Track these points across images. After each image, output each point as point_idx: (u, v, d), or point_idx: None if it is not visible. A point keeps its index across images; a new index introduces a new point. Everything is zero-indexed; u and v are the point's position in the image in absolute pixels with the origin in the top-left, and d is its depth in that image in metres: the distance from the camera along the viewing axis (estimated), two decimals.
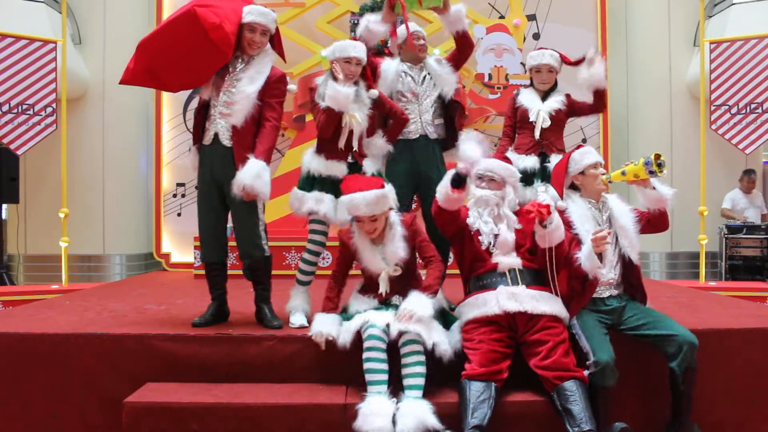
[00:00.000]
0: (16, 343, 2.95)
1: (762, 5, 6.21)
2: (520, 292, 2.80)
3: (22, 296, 5.05)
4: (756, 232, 6.14)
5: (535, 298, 2.79)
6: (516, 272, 2.87)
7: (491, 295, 2.81)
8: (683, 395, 2.75)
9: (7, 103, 5.51)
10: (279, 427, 2.61)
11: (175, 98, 6.63)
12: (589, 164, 3.03)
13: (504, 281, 2.85)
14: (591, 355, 2.67)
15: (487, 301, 2.80)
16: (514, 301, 2.77)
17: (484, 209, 2.95)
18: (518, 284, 2.83)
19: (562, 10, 6.67)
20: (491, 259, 2.89)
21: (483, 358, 2.66)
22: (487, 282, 2.88)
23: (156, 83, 3.51)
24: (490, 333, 2.74)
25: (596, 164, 3.03)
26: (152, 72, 3.41)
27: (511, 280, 2.85)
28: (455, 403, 2.62)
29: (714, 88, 5.83)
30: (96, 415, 2.91)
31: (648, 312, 2.94)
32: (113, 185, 6.59)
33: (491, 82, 6.47)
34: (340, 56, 3.27)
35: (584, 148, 3.13)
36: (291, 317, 3.25)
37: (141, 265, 6.80)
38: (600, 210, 3.04)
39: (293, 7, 6.53)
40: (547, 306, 2.78)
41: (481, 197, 2.96)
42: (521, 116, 3.96)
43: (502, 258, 2.89)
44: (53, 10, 6.30)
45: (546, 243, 2.79)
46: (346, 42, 3.34)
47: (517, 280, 2.85)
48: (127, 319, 3.40)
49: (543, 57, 3.91)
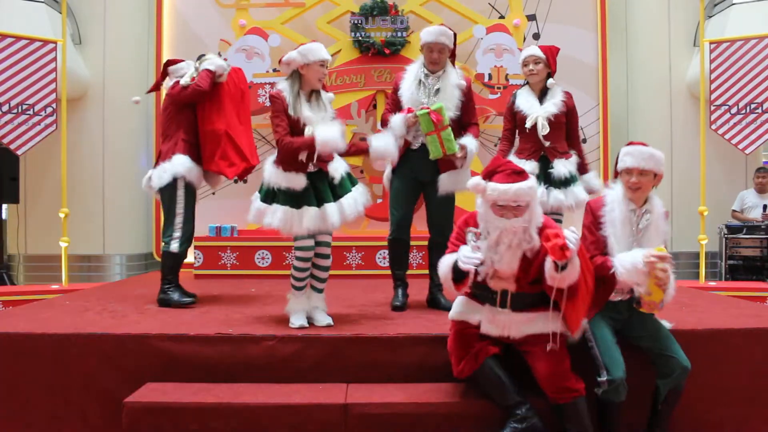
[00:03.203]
0: (16, 343, 2.96)
1: (762, 5, 6.21)
2: (502, 319, 2.67)
3: (22, 296, 5.05)
4: (756, 232, 6.13)
5: (521, 323, 2.67)
6: (507, 294, 2.67)
7: (480, 312, 2.74)
8: (661, 413, 2.77)
9: (7, 103, 5.51)
10: (279, 427, 2.61)
11: None
12: (624, 168, 2.79)
13: (492, 299, 2.70)
14: (604, 372, 2.61)
15: (475, 313, 2.75)
16: (494, 327, 2.69)
17: (510, 239, 2.59)
18: (505, 307, 2.68)
19: (562, 10, 6.66)
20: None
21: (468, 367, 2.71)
22: (477, 293, 2.76)
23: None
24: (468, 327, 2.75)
25: (631, 170, 2.75)
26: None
27: (499, 301, 2.69)
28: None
29: (714, 88, 5.83)
30: (96, 415, 2.91)
31: (653, 324, 2.85)
32: (113, 185, 6.59)
33: (491, 82, 6.46)
34: (315, 59, 3.21)
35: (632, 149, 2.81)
36: (291, 318, 3.24)
37: (141, 265, 6.79)
38: (639, 216, 2.79)
39: (293, 7, 6.53)
40: (537, 327, 2.66)
41: (509, 228, 2.58)
42: (521, 121, 3.93)
43: (494, 281, 2.66)
44: (53, 10, 6.30)
45: (556, 285, 2.53)
46: (314, 45, 3.26)
47: (505, 302, 2.68)
48: (127, 319, 3.40)
49: (528, 49, 3.97)
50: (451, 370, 2.87)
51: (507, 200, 2.56)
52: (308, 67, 3.24)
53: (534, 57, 3.91)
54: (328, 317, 3.27)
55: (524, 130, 3.92)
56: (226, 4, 6.59)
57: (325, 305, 3.38)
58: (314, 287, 3.38)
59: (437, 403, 2.67)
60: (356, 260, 5.73)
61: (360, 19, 6.34)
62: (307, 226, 3.15)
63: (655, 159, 2.76)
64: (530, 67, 3.93)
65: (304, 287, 3.34)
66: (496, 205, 2.59)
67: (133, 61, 6.69)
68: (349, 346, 2.96)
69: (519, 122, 3.95)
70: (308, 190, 3.22)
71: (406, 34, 6.34)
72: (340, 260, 5.69)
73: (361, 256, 5.72)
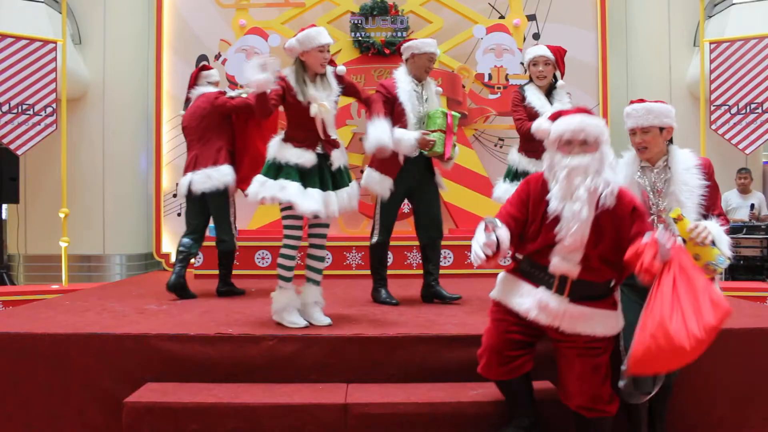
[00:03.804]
0: (16, 343, 2.95)
1: (762, 5, 6.21)
2: (557, 307, 2.38)
3: (22, 296, 5.05)
4: (756, 232, 6.13)
5: (576, 318, 2.37)
6: (566, 280, 2.39)
7: (531, 296, 2.43)
8: (655, 412, 2.66)
9: (7, 103, 5.51)
10: (279, 427, 2.61)
11: (175, 98, 6.63)
12: (628, 129, 2.66)
13: (549, 282, 2.42)
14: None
15: (524, 296, 2.45)
16: (545, 315, 2.38)
17: (581, 180, 2.33)
18: (562, 294, 2.39)
19: (562, 10, 6.66)
20: (550, 254, 2.40)
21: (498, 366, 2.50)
22: (534, 273, 2.46)
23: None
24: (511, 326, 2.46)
25: (634, 130, 2.63)
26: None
27: (557, 286, 2.40)
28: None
29: (714, 88, 5.83)
30: (96, 415, 2.90)
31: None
32: (113, 185, 6.59)
33: (491, 82, 6.47)
34: (313, 46, 3.21)
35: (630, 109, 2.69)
36: (286, 316, 3.18)
37: (141, 265, 6.79)
38: (655, 174, 2.63)
39: (293, 7, 6.54)
40: (590, 327, 2.37)
41: (578, 166, 2.33)
42: (530, 116, 3.84)
43: (557, 260, 2.39)
44: (53, 10, 6.30)
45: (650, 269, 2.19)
46: (313, 30, 3.25)
47: (563, 288, 2.39)
48: (127, 319, 3.40)
49: (538, 50, 3.93)
50: (450, 369, 2.88)
51: (573, 132, 2.35)
52: (308, 54, 3.25)
53: (545, 58, 3.89)
54: (326, 317, 3.26)
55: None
56: (226, 4, 6.59)
57: (323, 301, 3.36)
58: (311, 279, 3.37)
59: (437, 403, 2.66)
60: (356, 260, 5.73)
61: (360, 19, 6.34)
62: (313, 209, 3.11)
63: (654, 112, 2.61)
64: (540, 68, 3.90)
65: (291, 278, 3.28)
66: (562, 142, 2.39)
67: (133, 61, 6.69)
68: (349, 346, 2.96)
69: (529, 117, 3.85)
70: (314, 172, 3.21)
71: (406, 34, 6.34)
72: (340, 260, 5.69)
73: (361, 256, 5.72)
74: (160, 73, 6.59)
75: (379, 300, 4.00)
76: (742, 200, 6.51)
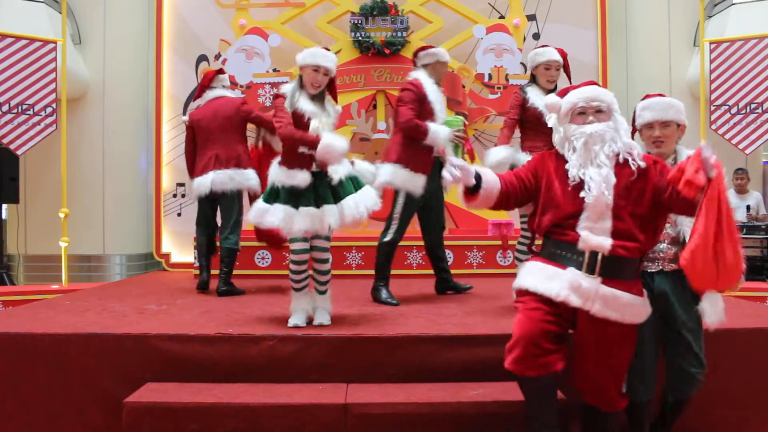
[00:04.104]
0: (16, 343, 2.95)
1: (762, 5, 6.21)
2: (589, 287, 2.27)
3: (22, 296, 5.04)
4: (756, 232, 6.13)
5: (607, 300, 2.26)
6: (597, 257, 2.28)
7: (560, 278, 2.30)
8: (667, 419, 2.67)
9: (7, 103, 5.51)
10: (279, 427, 2.61)
11: (175, 98, 6.64)
12: (643, 123, 2.60)
13: (578, 263, 2.30)
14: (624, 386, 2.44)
15: (552, 279, 2.31)
16: (577, 296, 2.26)
17: (600, 147, 2.32)
18: (592, 273, 2.28)
19: (562, 10, 6.66)
20: (576, 227, 2.30)
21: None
22: (560, 254, 2.35)
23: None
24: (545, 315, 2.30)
25: (651, 124, 2.56)
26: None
27: (587, 264, 2.29)
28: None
29: (714, 88, 5.83)
30: (96, 415, 2.90)
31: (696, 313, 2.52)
32: (113, 185, 6.59)
33: (491, 82, 6.46)
34: (308, 63, 3.24)
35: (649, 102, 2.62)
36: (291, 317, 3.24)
37: (141, 265, 6.79)
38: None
39: (293, 7, 6.53)
40: (620, 312, 2.28)
41: (595, 133, 2.33)
42: (533, 117, 3.82)
43: (587, 233, 2.28)
44: (53, 10, 6.30)
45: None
46: (316, 50, 3.30)
47: (593, 266, 2.28)
48: (127, 319, 3.40)
49: (553, 54, 3.87)
50: (450, 369, 2.88)
51: (587, 100, 2.37)
52: (303, 70, 3.28)
53: (557, 63, 3.86)
54: (327, 317, 3.28)
55: (537, 127, 3.81)
56: (226, 4, 6.59)
57: (330, 306, 3.39)
58: (317, 290, 3.40)
59: (437, 403, 2.66)
60: (356, 260, 5.73)
61: (360, 19, 6.34)
62: (300, 227, 3.15)
63: (675, 108, 2.56)
64: (553, 72, 3.86)
65: (301, 288, 3.34)
66: (575, 113, 2.39)
67: (133, 61, 6.69)
68: (349, 346, 2.96)
69: (533, 118, 3.83)
70: (309, 191, 3.22)
71: (406, 34, 6.35)
72: (340, 260, 5.69)
73: (361, 256, 5.72)
74: (160, 73, 6.59)
75: (379, 300, 4.00)
76: (740, 201, 6.51)
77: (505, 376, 2.83)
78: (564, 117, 2.43)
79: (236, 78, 6.37)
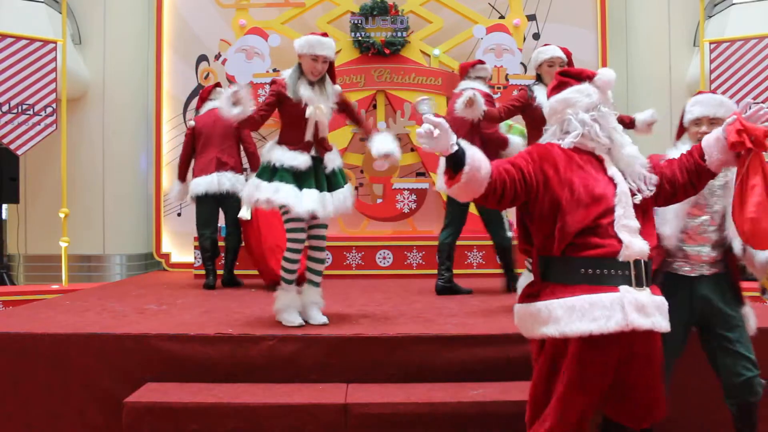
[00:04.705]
0: (16, 343, 2.95)
1: (762, 5, 6.21)
2: (650, 303, 1.90)
3: (22, 296, 5.04)
4: None
5: (662, 311, 1.94)
6: (642, 265, 1.94)
7: (614, 304, 1.86)
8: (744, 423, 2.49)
9: (7, 103, 5.50)
10: (279, 427, 2.61)
11: (175, 98, 6.64)
12: (692, 119, 2.50)
13: (627, 278, 1.91)
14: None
15: (606, 307, 1.85)
16: (642, 315, 1.87)
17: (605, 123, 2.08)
18: (643, 285, 1.93)
19: (562, 10, 6.66)
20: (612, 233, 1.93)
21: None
22: (602, 273, 1.91)
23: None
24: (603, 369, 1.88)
25: (700, 120, 2.45)
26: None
27: (635, 277, 1.92)
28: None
29: (714, 88, 5.83)
30: (96, 415, 2.90)
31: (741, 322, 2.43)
32: (113, 185, 6.58)
33: (491, 82, 6.43)
34: (308, 52, 3.25)
35: (701, 98, 2.55)
36: (286, 316, 3.21)
37: (141, 265, 6.79)
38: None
39: (293, 7, 6.53)
40: (666, 321, 1.96)
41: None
42: (540, 116, 3.62)
43: (629, 238, 1.93)
44: (53, 10, 6.30)
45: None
46: (314, 38, 3.29)
47: (642, 278, 1.93)
48: (127, 319, 3.40)
49: (555, 51, 3.83)
50: (450, 369, 2.87)
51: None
52: (302, 58, 3.29)
53: (560, 60, 3.82)
54: (323, 316, 3.27)
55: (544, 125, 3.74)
56: (226, 4, 6.58)
57: (323, 301, 3.38)
58: (312, 281, 3.38)
59: (437, 403, 2.66)
60: (356, 260, 5.73)
61: (360, 19, 6.34)
62: (309, 208, 3.16)
63: (726, 106, 2.47)
64: (556, 69, 3.76)
65: (294, 280, 3.33)
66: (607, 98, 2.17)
67: (133, 61, 6.69)
68: (349, 346, 2.96)
69: (539, 117, 3.50)
70: (309, 174, 3.25)
71: (405, 34, 6.34)
72: (340, 260, 5.69)
73: (361, 256, 5.72)
74: (160, 73, 6.59)
75: (458, 290, 4.41)
76: None
77: (505, 376, 2.85)
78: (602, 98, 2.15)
79: (236, 78, 6.35)
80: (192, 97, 6.59)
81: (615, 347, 1.86)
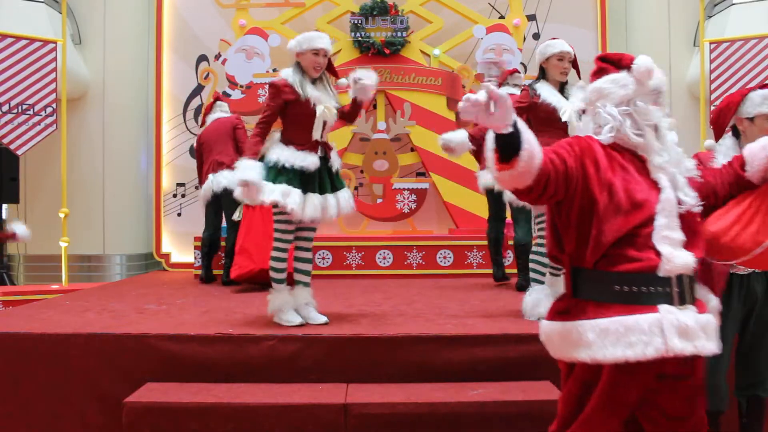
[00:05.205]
0: (16, 343, 2.95)
1: (762, 5, 6.21)
2: (695, 324, 1.64)
3: (22, 296, 5.04)
4: None
5: (708, 331, 1.66)
6: (686, 280, 1.69)
7: (651, 323, 1.61)
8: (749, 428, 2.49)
9: (7, 103, 5.50)
10: (279, 427, 2.61)
11: (175, 98, 6.64)
12: (759, 113, 2.39)
13: (667, 296, 1.66)
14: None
15: (644, 332, 1.60)
16: (685, 340, 1.61)
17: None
18: (686, 302, 1.67)
19: (562, 10, 6.66)
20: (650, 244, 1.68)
21: None
22: (639, 291, 1.66)
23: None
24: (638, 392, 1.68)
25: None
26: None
27: (677, 294, 1.67)
28: None
29: (714, 88, 5.83)
30: (96, 415, 2.90)
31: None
32: (113, 185, 6.58)
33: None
34: (308, 48, 3.25)
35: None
36: (284, 316, 3.21)
37: (141, 265, 6.79)
38: None
39: (293, 7, 6.53)
40: (714, 342, 1.68)
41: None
42: (545, 113, 3.55)
43: (670, 250, 1.68)
44: (53, 10, 6.30)
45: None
46: (311, 33, 3.31)
47: (685, 295, 1.67)
48: (127, 319, 3.40)
49: (564, 45, 3.63)
50: (450, 369, 2.87)
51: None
52: (303, 56, 3.27)
53: (569, 54, 3.62)
54: (322, 315, 3.27)
55: (550, 124, 3.54)
56: (226, 4, 6.59)
57: (314, 301, 3.38)
58: (301, 281, 3.38)
59: (437, 403, 2.66)
60: (356, 260, 5.73)
61: (360, 19, 6.34)
62: (311, 215, 3.18)
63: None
64: (566, 63, 3.62)
65: (284, 279, 3.32)
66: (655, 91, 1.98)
67: (133, 61, 6.69)
68: (349, 346, 2.96)
69: (545, 114, 3.57)
70: (315, 177, 3.25)
71: (405, 34, 6.34)
72: (340, 260, 5.69)
73: (361, 256, 5.72)
74: (160, 73, 6.59)
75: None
76: None
77: (505, 376, 2.85)
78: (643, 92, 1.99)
79: (236, 78, 6.37)
80: (192, 97, 6.60)
81: (653, 369, 1.66)
